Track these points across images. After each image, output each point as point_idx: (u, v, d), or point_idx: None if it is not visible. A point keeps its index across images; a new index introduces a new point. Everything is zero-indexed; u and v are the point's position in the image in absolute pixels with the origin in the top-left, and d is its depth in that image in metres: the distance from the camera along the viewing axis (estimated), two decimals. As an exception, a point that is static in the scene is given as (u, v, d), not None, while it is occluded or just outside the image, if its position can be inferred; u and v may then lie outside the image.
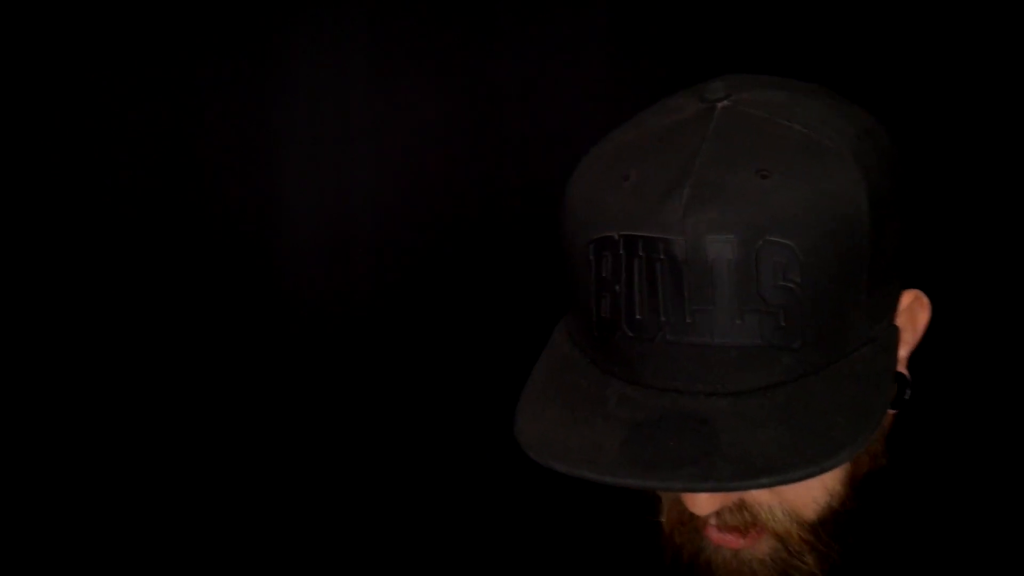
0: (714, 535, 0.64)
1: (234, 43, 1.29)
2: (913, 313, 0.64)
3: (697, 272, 0.55)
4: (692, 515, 0.64)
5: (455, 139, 1.30)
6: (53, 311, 1.33)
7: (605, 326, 0.59)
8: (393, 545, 1.28)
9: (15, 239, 1.32)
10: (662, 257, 0.56)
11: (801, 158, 0.57)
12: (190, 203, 1.32)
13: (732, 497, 0.63)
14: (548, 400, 0.60)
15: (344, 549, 1.32)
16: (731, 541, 0.64)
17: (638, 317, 0.57)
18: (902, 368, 0.65)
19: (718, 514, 0.63)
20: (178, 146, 1.31)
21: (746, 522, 0.64)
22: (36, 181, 1.30)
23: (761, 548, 0.64)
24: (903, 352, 0.64)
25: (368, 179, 1.32)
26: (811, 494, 0.63)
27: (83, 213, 1.31)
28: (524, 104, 1.27)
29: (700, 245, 0.55)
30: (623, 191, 0.58)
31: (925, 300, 0.65)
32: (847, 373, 0.57)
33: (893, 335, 0.61)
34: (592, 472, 0.55)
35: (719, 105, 0.60)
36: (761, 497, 0.63)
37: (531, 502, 0.84)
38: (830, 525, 0.64)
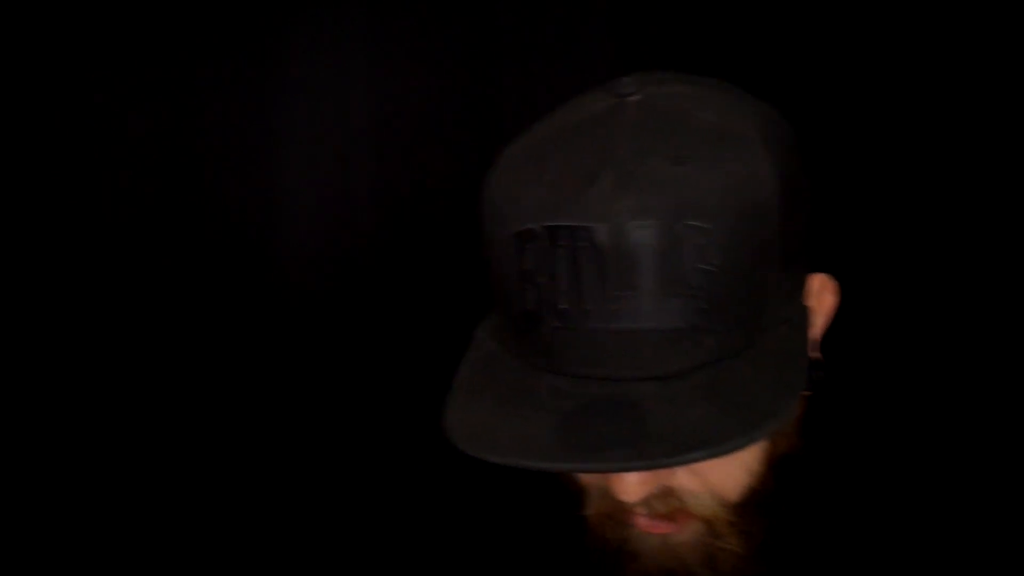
0: (642, 523, 0.65)
1: (234, 43, 1.29)
2: (821, 296, 0.67)
3: (620, 258, 0.57)
4: (619, 507, 0.65)
5: (454, 139, 1.30)
6: (52, 310, 1.33)
7: (531, 319, 0.60)
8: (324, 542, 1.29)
9: (14, 240, 1.33)
10: (585, 245, 0.57)
11: (714, 145, 0.59)
12: (189, 203, 1.32)
13: (660, 483, 0.63)
14: (476, 396, 0.61)
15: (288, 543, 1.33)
16: (659, 527, 0.65)
17: (563, 307, 0.58)
18: (814, 350, 0.67)
19: (646, 503, 0.64)
20: (178, 146, 1.31)
21: (673, 508, 0.65)
22: (35, 181, 1.31)
23: (687, 532, 0.65)
24: (814, 334, 0.66)
25: (368, 179, 1.32)
26: (734, 476, 0.65)
27: (82, 214, 1.31)
28: (524, 104, 1.26)
29: (622, 231, 0.56)
30: (543, 184, 0.59)
31: (832, 284, 0.67)
32: (766, 352, 0.59)
33: (805, 315, 0.63)
34: (525, 460, 0.56)
35: (631, 99, 0.61)
36: (687, 483, 0.64)
37: (458, 502, 0.84)
38: (752, 506, 0.66)
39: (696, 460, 0.54)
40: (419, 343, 1.32)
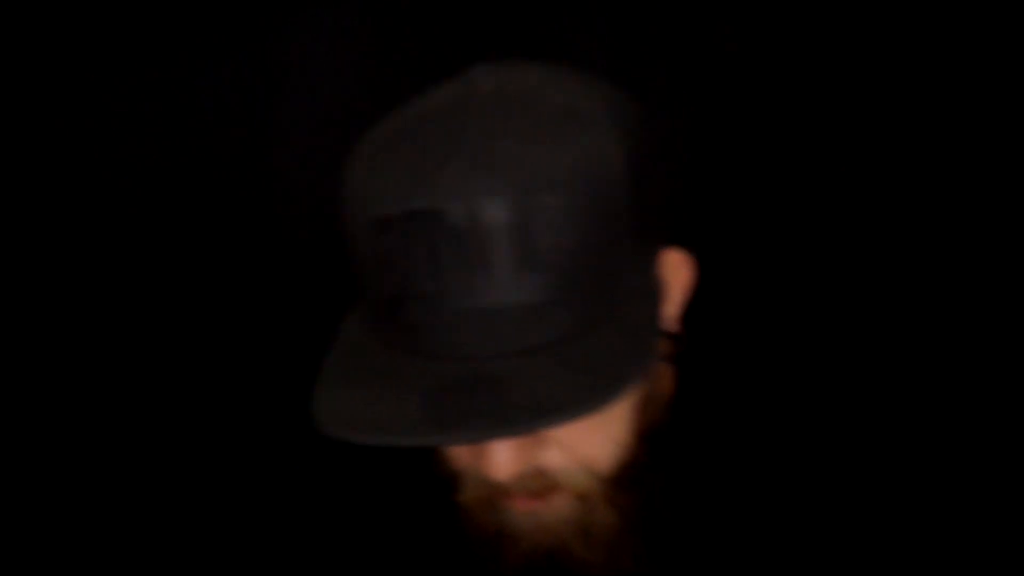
0: (517, 502, 0.66)
1: (234, 43, 1.29)
2: (677, 270, 0.68)
3: (475, 237, 0.58)
4: (493, 490, 0.66)
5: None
6: (51, 310, 1.33)
7: (393, 303, 0.61)
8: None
9: (13, 243, 1.32)
10: (440, 227, 0.59)
11: (562, 124, 0.61)
12: (189, 203, 1.32)
13: (531, 461, 0.65)
14: (342, 383, 0.62)
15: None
16: (533, 505, 0.66)
17: (423, 289, 0.60)
18: (675, 324, 0.69)
19: (519, 482, 0.65)
20: (177, 146, 1.31)
21: (546, 486, 0.66)
22: (35, 182, 1.30)
23: (562, 509, 0.67)
24: (672, 308, 0.68)
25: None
26: (604, 450, 0.66)
27: (83, 214, 1.31)
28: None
29: (475, 211, 0.58)
30: (397, 170, 0.61)
31: (689, 259, 0.69)
32: (621, 324, 0.61)
33: (660, 288, 0.65)
34: (389, 437, 0.57)
35: (481, 86, 0.64)
36: (558, 459, 0.66)
37: (333, 495, 0.85)
38: (625, 479, 0.67)
39: (552, 424, 0.56)
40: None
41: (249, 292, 1.31)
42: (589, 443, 0.66)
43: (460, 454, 0.68)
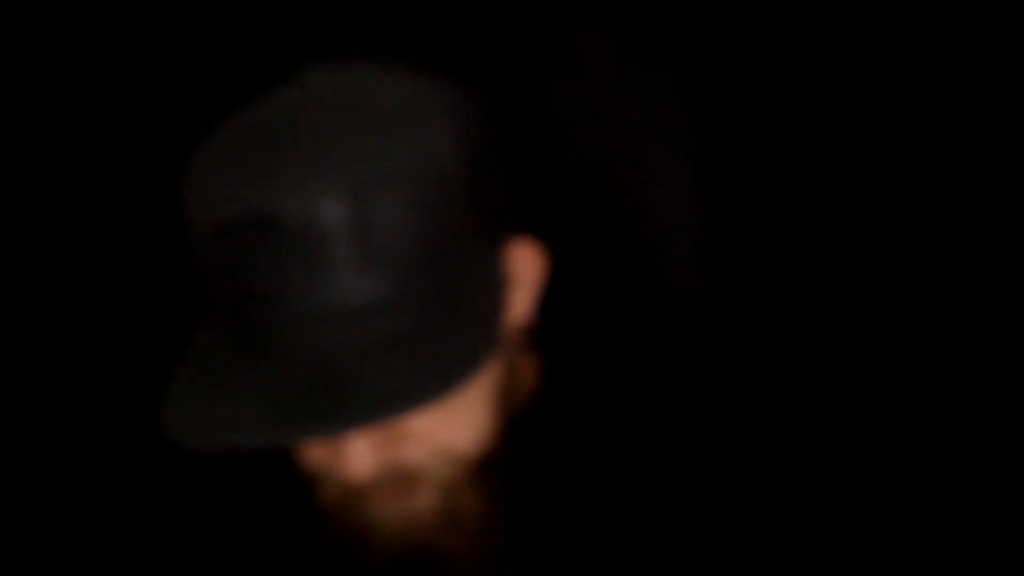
0: (379, 498, 0.66)
1: (234, 43, 1.29)
2: (527, 263, 0.69)
3: (314, 237, 0.59)
4: (354, 489, 0.66)
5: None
6: (51, 311, 1.32)
7: (237, 307, 0.61)
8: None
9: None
10: (279, 228, 0.59)
11: (395, 121, 0.62)
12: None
13: (390, 456, 0.65)
14: (192, 390, 0.62)
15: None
16: (396, 499, 0.66)
17: (266, 291, 0.60)
18: (530, 316, 0.71)
19: (380, 478, 0.65)
20: (176, 147, 1.31)
21: (408, 480, 0.66)
22: (35, 182, 1.30)
23: (425, 500, 0.67)
24: (524, 300, 0.70)
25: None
26: (462, 438, 0.67)
27: (83, 215, 1.30)
28: (527, 105, 1.27)
29: (313, 210, 0.59)
30: (235, 173, 0.61)
31: (537, 251, 0.70)
32: (466, 316, 0.63)
33: (502, 280, 0.66)
34: (236, 439, 0.57)
35: (315, 88, 0.65)
36: (417, 451, 0.66)
37: (192, 506, 0.84)
38: (487, 466, 0.68)
39: (396, 414, 0.57)
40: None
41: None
42: (447, 432, 0.67)
43: (317, 455, 0.68)
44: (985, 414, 1.11)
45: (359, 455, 0.64)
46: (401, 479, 0.66)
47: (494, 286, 0.66)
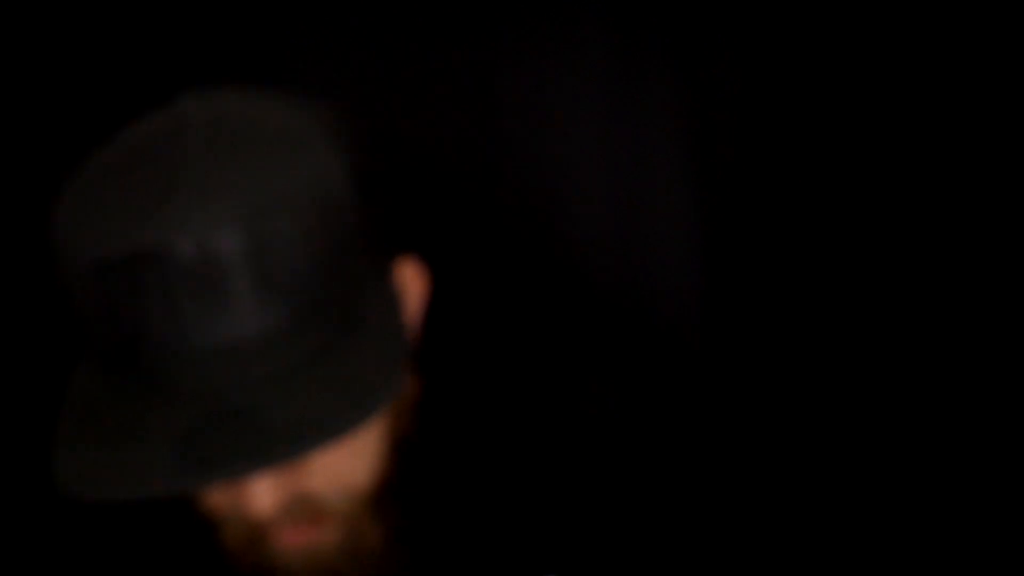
0: (283, 536, 0.65)
1: (234, 43, 1.29)
2: (411, 281, 0.69)
3: (209, 271, 0.57)
4: (256, 527, 0.64)
5: (453, 138, 1.30)
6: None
7: (125, 348, 0.58)
8: None
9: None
10: (172, 264, 0.57)
11: (282, 148, 0.61)
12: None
13: (292, 491, 0.63)
14: (83, 439, 0.59)
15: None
16: (300, 536, 0.65)
17: (160, 329, 0.57)
18: (414, 333, 0.70)
19: (283, 515, 0.64)
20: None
21: (312, 514, 0.65)
22: (34, 183, 1.29)
23: (329, 535, 0.66)
24: (410, 318, 0.69)
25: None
26: (362, 469, 0.66)
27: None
28: (525, 104, 1.27)
29: (206, 244, 0.57)
30: (115, 209, 0.58)
31: (420, 269, 0.70)
32: (365, 339, 0.62)
33: (397, 299, 0.66)
34: (142, 489, 0.55)
35: (191, 115, 0.62)
36: (319, 485, 0.64)
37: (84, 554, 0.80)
38: (386, 495, 0.67)
39: (312, 448, 0.56)
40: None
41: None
42: (346, 463, 0.65)
43: (217, 495, 0.65)
44: (990, 431, 1.11)
45: (262, 491, 0.62)
46: (305, 514, 0.65)
47: (391, 305, 0.66)
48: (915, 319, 1.17)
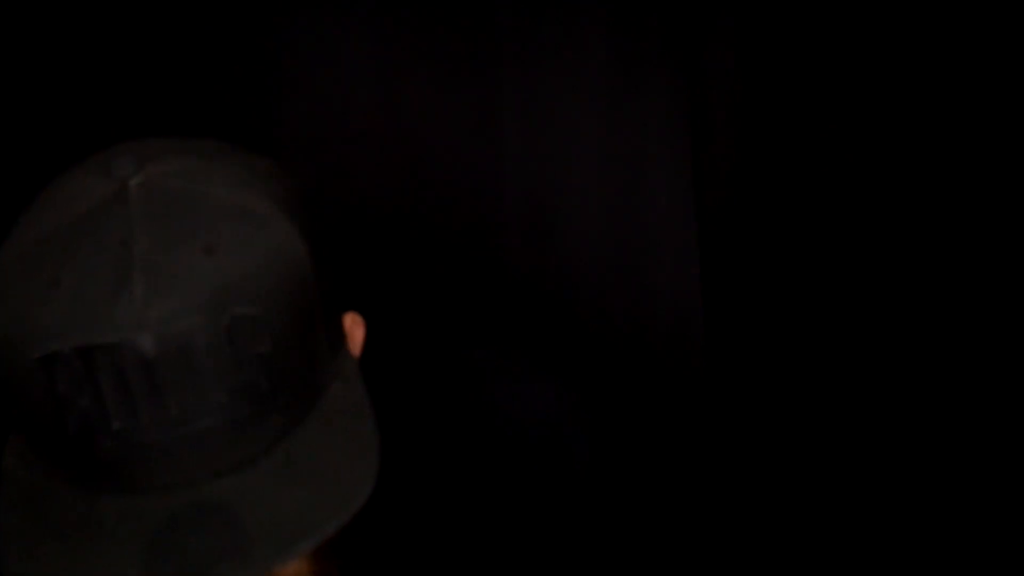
0: None
1: (234, 43, 1.29)
2: (353, 332, 0.66)
3: (171, 364, 0.53)
4: None
5: (453, 139, 1.30)
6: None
7: (78, 443, 0.54)
8: None
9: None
10: (129, 358, 0.53)
11: (239, 226, 0.56)
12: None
13: None
14: (33, 542, 0.55)
15: None
16: None
17: (116, 426, 0.54)
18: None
19: None
20: None
21: None
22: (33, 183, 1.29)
23: None
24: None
25: (365, 179, 1.32)
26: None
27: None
28: (524, 108, 1.26)
29: (168, 337, 0.53)
30: (59, 300, 0.54)
31: (358, 317, 0.66)
32: (328, 413, 0.59)
33: (351, 363, 0.63)
34: None
35: (132, 183, 0.56)
36: None
37: None
38: (324, 549, 0.63)
39: (307, 550, 0.53)
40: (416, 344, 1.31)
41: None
42: None
43: None
44: (990, 431, 1.10)
45: None
46: None
47: (349, 374, 0.62)
48: (914, 316, 1.17)
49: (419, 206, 1.31)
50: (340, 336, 0.63)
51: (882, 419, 1.15)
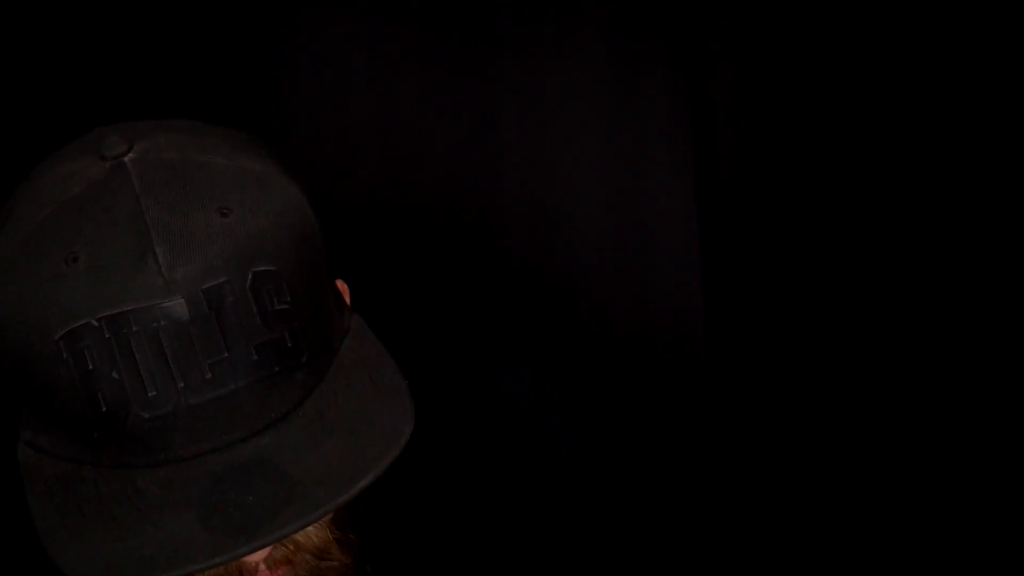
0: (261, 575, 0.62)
1: (233, 43, 1.29)
2: (343, 292, 0.67)
3: (202, 325, 0.54)
4: (236, 570, 0.61)
5: (453, 139, 1.30)
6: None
7: (111, 419, 0.54)
8: None
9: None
10: (162, 323, 0.53)
11: (246, 188, 0.57)
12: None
13: None
14: (78, 528, 0.55)
15: None
16: (277, 574, 0.63)
17: (152, 394, 0.54)
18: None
19: (270, 554, 0.61)
20: None
21: (289, 551, 0.63)
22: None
23: (301, 567, 0.64)
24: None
25: (365, 179, 1.32)
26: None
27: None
28: (524, 108, 1.26)
29: (197, 298, 0.54)
30: (78, 275, 0.54)
31: (344, 284, 0.68)
32: (348, 365, 0.60)
33: (357, 319, 0.65)
34: (192, 566, 0.51)
35: (127, 159, 0.57)
36: None
37: None
38: (344, 515, 0.65)
39: (365, 487, 0.54)
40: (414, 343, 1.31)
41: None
42: None
43: None
44: (990, 432, 1.10)
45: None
46: (282, 551, 0.63)
47: (357, 328, 0.63)
48: (915, 316, 1.17)
49: (419, 205, 1.31)
50: (339, 296, 0.65)
51: (882, 419, 1.15)
